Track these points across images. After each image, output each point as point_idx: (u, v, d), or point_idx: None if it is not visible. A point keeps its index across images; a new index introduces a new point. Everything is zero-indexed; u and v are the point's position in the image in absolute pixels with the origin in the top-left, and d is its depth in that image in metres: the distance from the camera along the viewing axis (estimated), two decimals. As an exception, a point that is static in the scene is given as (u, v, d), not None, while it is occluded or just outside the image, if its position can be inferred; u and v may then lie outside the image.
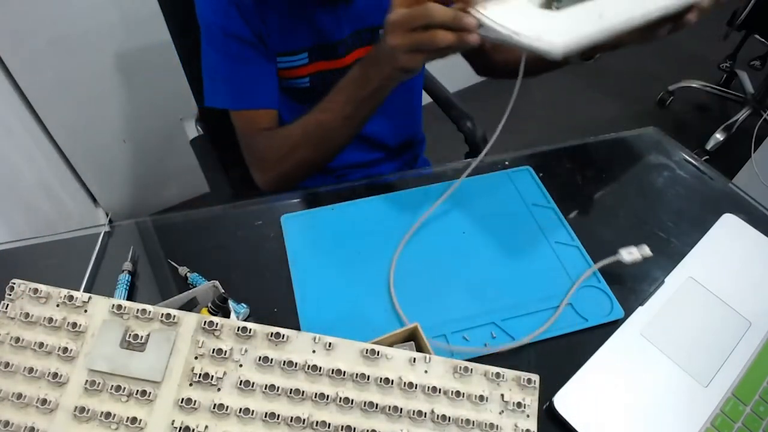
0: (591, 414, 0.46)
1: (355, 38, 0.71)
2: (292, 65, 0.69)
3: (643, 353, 0.50)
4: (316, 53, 0.69)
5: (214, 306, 0.47)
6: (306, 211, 0.62)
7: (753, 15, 1.62)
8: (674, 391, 0.48)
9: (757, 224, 0.62)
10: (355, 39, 0.71)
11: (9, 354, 0.36)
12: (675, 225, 0.63)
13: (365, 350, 0.38)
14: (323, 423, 0.35)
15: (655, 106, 2.03)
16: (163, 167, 1.46)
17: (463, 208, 0.63)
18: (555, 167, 0.69)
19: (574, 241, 0.60)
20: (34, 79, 1.10)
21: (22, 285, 0.37)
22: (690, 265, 0.58)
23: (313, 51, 0.69)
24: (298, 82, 0.71)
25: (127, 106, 1.27)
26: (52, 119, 1.18)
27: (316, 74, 0.71)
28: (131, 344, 0.36)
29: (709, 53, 2.18)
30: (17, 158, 1.03)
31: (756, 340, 0.52)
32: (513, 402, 0.37)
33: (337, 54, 0.70)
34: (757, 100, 1.86)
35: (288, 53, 0.68)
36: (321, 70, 0.71)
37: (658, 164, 0.71)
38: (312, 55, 0.69)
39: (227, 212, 0.63)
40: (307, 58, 0.69)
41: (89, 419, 0.35)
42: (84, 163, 1.32)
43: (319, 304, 0.53)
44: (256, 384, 0.36)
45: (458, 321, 0.52)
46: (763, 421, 0.47)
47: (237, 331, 0.37)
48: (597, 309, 0.54)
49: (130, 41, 1.16)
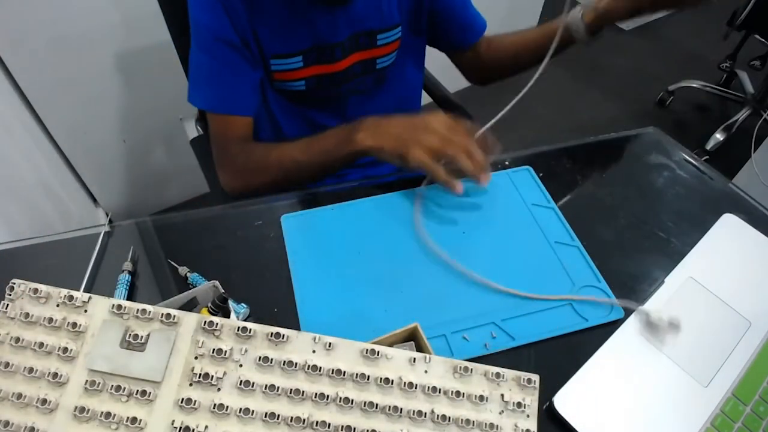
0: (591, 414, 0.46)
1: (353, 42, 0.70)
2: (285, 68, 0.69)
3: (643, 353, 0.50)
4: (312, 56, 0.69)
5: (214, 306, 0.47)
6: (306, 211, 0.62)
7: (753, 15, 1.62)
8: (674, 391, 0.48)
9: (757, 224, 0.62)
10: (352, 42, 0.71)
11: (9, 354, 0.36)
12: (675, 225, 0.63)
13: (365, 350, 0.38)
14: (323, 423, 0.35)
15: (655, 106, 2.03)
16: (163, 167, 1.46)
17: (463, 208, 0.63)
18: (555, 167, 0.69)
19: (574, 241, 0.60)
20: (34, 79, 1.10)
21: (22, 285, 0.37)
22: (690, 265, 0.58)
23: (308, 54, 0.68)
24: (293, 84, 0.71)
25: (127, 106, 1.27)
26: (52, 119, 1.18)
27: (311, 78, 0.71)
28: (131, 344, 0.36)
29: (709, 53, 2.19)
30: (17, 158, 1.03)
31: (756, 340, 0.52)
32: (513, 402, 0.38)
33: (334, 57, 0.70)
34: (757, 100, 1.86)
35: (281, 56, 0.67)
36: (317, 74, 0.71)
37: (658, 164, 0.71)
38: (307, 59, 0.69)
39: (227, 212, 0.63)
40: (301, 62, 0.69)
41: (89, 419, 0.35)
42: (84, 163, 1.32)
43: (319, 304, 0.53)
44: (256, 384, 0.36)
45: (458, 321, 0.52)
46: (763, 421, 0.47)
47: (237, 331, 0.37)
48: (597, 309, 0.54)
49: (130, 41, 1.16)
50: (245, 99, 0.68)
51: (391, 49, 0.75)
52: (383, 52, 0.74)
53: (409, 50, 0.78)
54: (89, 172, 1.35)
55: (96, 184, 1.39)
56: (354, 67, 0.73)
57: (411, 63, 0.81)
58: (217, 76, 0.66)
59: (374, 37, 0.72)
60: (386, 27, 0.72)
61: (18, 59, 1.06)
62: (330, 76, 0.71)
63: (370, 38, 0.72)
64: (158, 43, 1.17)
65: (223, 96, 0.67)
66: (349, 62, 0.72)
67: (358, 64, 0.73)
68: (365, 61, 0.73)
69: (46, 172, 1.18)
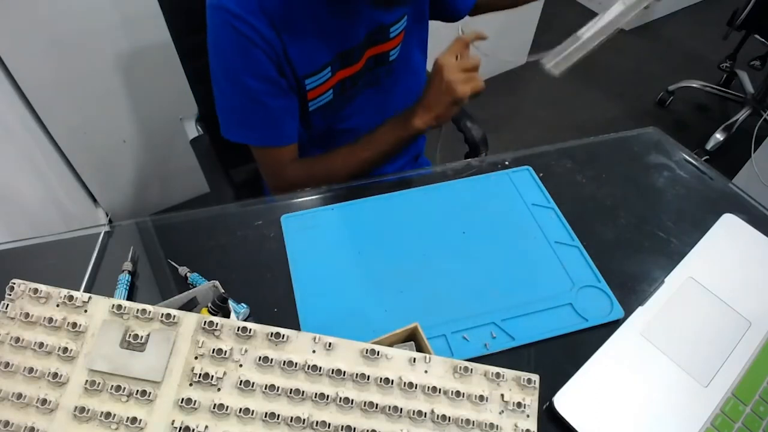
0: (591, 414, 0.46)
1: (368, 39, 0.71)
2: (318, 83, 0.69)
3: (643, 353, 0.50)
4: (337, 64, 0.69)
5: (214, 306, 0.47)
6: (306, 211, 0.62)
7: (753, 15, 1.62)
8: (674, 391, 0.48)
9: (757, 224, 0.62)
10: (368, 40, 0.71)
11: (9, 354, 0.36)
12: (675, 225, 0.63)
13: (365, 350, 0.38)
14: (323, 423, 0.35)
15: (655, 106, 2.03)
16: (163, 167, 1.45)
17: (463, 208, 0.63)
18: (555, 167, 0.69)
19: (574, 241, 0.60)
20: (34, 79, 1.10)
21: (22, 285, 0.37)
22: (690, 265, 0.58)
23: (334, 63, 0.69)
24: (323, 97, 0.71)
25: (127, 106, 1.27)
26: (52, 119, 1.18)
27: (336, 85, 0.71)
28: (131, 344, 0.36)
29: (709, 53, 2.18)
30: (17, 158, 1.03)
31: (756, 340, 0.52)
32: (513, 402, 0.38)
33: (354, 59, 0.70)
34: (757, 100, 1.86)
35: (314, 73, 0.67)
36: (341, 79, 0.71)
37: (658, 164, 0.71)
38: (333, 68, 0.69)
39: (227, 212, 0.63)
40: (330, 72, 0.69)
41: (89, 419, 0.35)
42: (84, 163, 1.32)
43: (319, 304, 0.53)
44: (256, 384, 0.36)
45: (458, 321, 0.52)
46: (763, 421, 0.47)
47: (237, 331, 0.37)
48: (597, 309, 0.54)
49: (130, 41, 1.16)
50: (288, 128, 0.70)
51: (399, 39, 0.75)
52: (395, 43, 0.75)
53: (414, 36, 0.79)
54: (89, 172, 1.35)
55: (96, 184, 1.39)
56: (368, 62, 0.73)
57: (416, 49, 0.82)
58: (256, 114, 0.67)
59: (386, 31, 0.72)
60: (396, 19, 0.72)
61: (18, 59, 1.06)
62: (351, 78, 0.72)
63: (383, 33, 0.72)
64: (158, 43, 1.17)
65: (267, 133, 0.69)
66: (365, 59, 0.72)
67: (371, 58, 0.73)
68: (379, 55, 0.74)
69: (46, 172, 1.18)
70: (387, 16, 0.71)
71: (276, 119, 0.68)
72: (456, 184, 0.66)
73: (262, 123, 0.68)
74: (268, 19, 0.60)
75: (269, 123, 0.68)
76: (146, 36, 1.17)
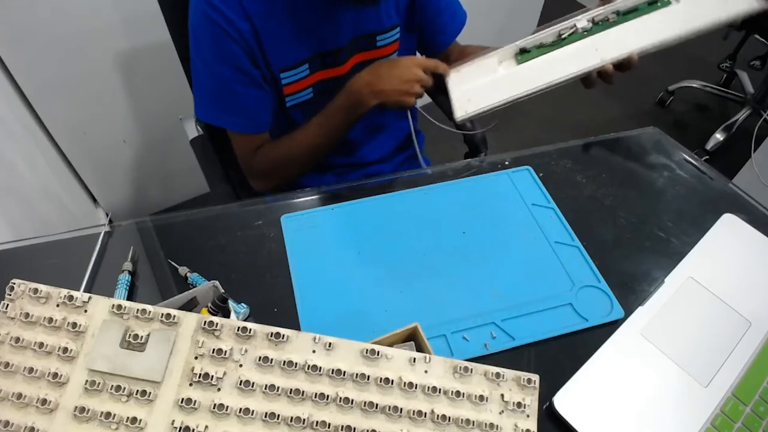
0: (591, 414, 0.46)
1: (354, 45, 0.72)
2: (294, 79, 0.70)
3: (643, 353, 0.50)
4: (317, 63, 0.70)
5: (214, 306, 0.47)
6: (306, 211, 0.62)
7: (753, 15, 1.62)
8: (674, 391, 0.48)
9: (757, 224, 0.62)
10: (353, 45, 0.72)
11: (9, 354, 0.36)
12: (675, 225, 0.63)
13: (365, 350, 0.38)
14: (323, 423, 0.35)
15: (655, 106, 2.03)
16: (163, 167, 1.45)
17: (463, 208, 0.63)
18: (555, 167, 0.69)
19: (574, 241, 0.60)
20: (34, 79, 1.10)
21: (22, 285, 0.37)
22: (690, 265, 0.58)
23: (313, 61, 0.70)
24: (301, 94, 0.72)
25: (127, 106, 1.27)
26: (52, 119, 1.18)
27: (317, 83, 0.72)
28: (131, 344, 0.36)
29: (709, 53, 2.18)
30: (17, 158, 1.03)
31: (756, 340, 0.52)
32: (513, 402, 0.37)
33: (338, 61, 0.71)
34: (757, 100, 1.86)
35: (290, 67, 0.69)
36: (322, 79, 0.72)
37: (658, 164, 0.71)
38: (313, 66, 0.70)
39: (227, 212, 0.63)
40: (308, 70, 0.70)
41: (89, 419, 0.35)
42: (84, 163, 1.32)
43: (319, 304, 0.53)
44: (256, 384, 0.36)
45: (458, 321, 0.52)
46: (763, 421, 0.47)
47: (237, 331, 0.37)
48: (597, 309, 0.54)
49: (130, 41, 1.16)
50: (261, 117, 0.71)
51: (391, 50, 0.76)
52: (383, 53, 0.75)
53: (403, 48, 0.79)
54: (89, 172, 1.35)
55: (96, 184, 1.39)
56: (356, 68, 0.73)
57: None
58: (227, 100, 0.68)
59: (373, 39, 0.73)
60: (384, 29, 0.73)
61: (18, 59, 1.06)
62: (335, 80, 0.72)
63: (370, 40, 0.73)
64: (158, 43, 1.17)
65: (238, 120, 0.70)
66: (351, 64, 0.73)
67: (359, 65, 0.74)
68: (366, 62, 0.74)
69: (46, 172, 1.18)
70: (374, 24, 0.72)
71: (247, 107, 0.69)
72: (456, 184, 0.66)
73: (232, 109, 0.69)
74: (245, 11, 0.62)
75: (240, 110, 0.69)
76: (146, 36, 1.17)
